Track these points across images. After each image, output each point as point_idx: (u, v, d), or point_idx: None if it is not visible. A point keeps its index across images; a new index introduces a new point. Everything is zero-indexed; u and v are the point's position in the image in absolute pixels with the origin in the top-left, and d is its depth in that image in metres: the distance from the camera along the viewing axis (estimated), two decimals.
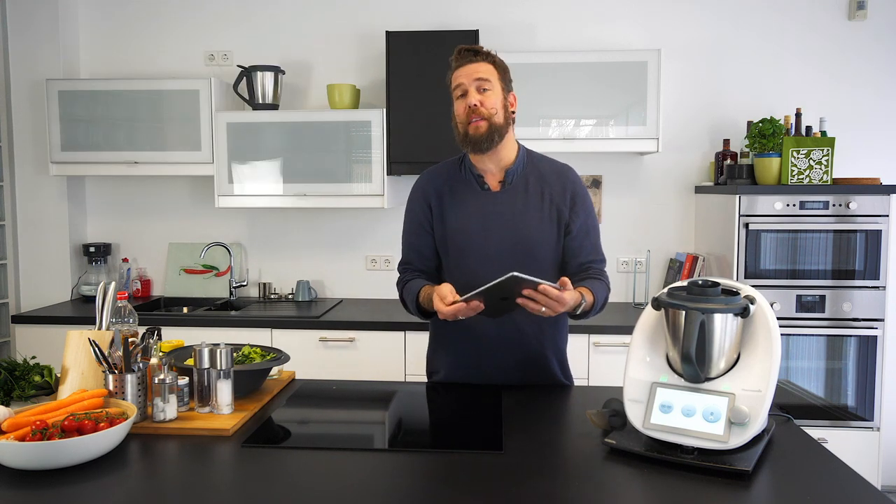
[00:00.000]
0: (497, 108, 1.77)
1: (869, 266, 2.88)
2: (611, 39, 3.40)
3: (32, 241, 3.51)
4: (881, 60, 3.33)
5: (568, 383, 1.96)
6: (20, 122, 3.46)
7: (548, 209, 1.83)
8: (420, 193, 1.93)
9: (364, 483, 1.27)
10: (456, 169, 1.91)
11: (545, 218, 1.83)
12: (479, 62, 1.78)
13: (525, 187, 1.85)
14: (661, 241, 3.49)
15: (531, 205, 1.83)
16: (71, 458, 1.29)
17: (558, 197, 1.84)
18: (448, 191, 1.88)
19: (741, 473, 1.27)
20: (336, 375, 2.92)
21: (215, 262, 3.60)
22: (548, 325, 1.87)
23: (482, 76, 1.77)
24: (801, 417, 2.94)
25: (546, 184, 1.85)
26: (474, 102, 1.75)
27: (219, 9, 3.54)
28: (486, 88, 1.77)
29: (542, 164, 1.90)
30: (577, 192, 1.86)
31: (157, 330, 1.71)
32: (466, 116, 1.78)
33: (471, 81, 1.77)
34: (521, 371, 1.88)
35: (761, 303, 1.39)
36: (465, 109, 1.78)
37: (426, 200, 1.90)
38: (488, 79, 1.77)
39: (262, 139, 3.21)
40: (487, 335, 1.85)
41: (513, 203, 1.83)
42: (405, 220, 1.97)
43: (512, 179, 1.85)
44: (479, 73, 1.77)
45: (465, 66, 1.79)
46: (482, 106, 1.76)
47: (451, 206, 1.86)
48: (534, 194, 1.84)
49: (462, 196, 1.86)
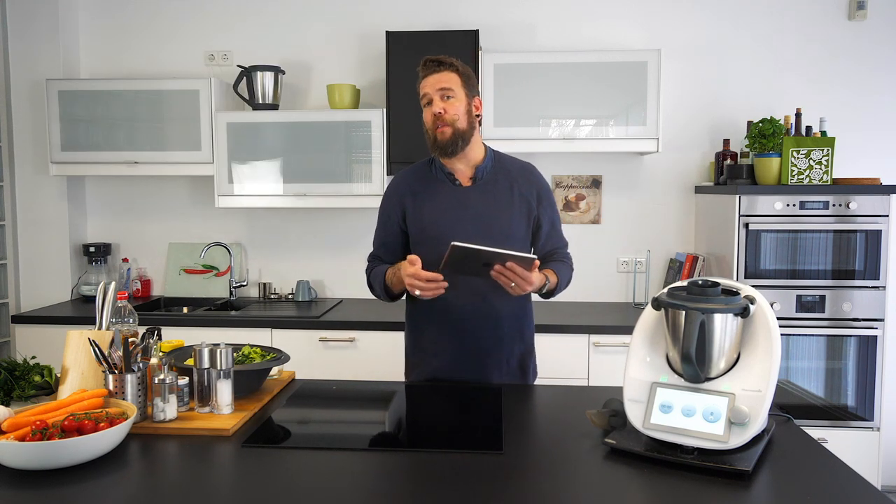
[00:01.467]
0: (460, 115, 1.90)
1: (869, 266, 2.88)
2: (611, 39, 3.40)
3: (32, 241, 3.51)
4: (881, 60, 3.33)
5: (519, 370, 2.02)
6: (20, 122, 3.46)
7: (517, 203, 1.97)
8: (394, 193, 2.04)
9: (364, 483, 1.27)
10: (427, 169, 2.03)
11: (515, 211, 1.96)
12: (443, 72, 1.90)
13: (494, 183, 1.98)
14: (661, 241, 3.49)
15: (501, 199, 1.96)
16: (71, 458, 1.29)
17: (527, 193, 1.98)
18: (422, 188, 2.00)
19: (741, 473, 1.27)
20: (336, 375, 2.92)
21: (215, 262, 3.60)
22: (517, 308, 1.99)
23: (445, 85, 1.89)
24: (801, 417, 2.94)
25: (514, 180, 1.99)
26: (438, 110, 1.89)
27: (219, 9, 3.54)
28: (449, 96, 1.90)
29: (509, 163, 2.04)
30: (542, 187, 2.02)
31: (157, 330, 1.71)
32: (433, 123, 1.91)
33: (435, 91, 1.90)
34: (498, 346, 1.96)
35: (761, 303, 1.39)
36: (431, 117, 1.92)
37: (400, 199, 2.01)
38: (451, 87, 1.90)
39: (262, 139, 3.21)
40: (465, 311, 1.94)
41: (484, 197, 1.96)
42: (378, 218, 2.09)
43: (482, 176, 1.98)
44: (442, 83, 1.89)
45: (430, 76, 1.91)
46: (446, 113, 1.89)
47: (424, 201, 1.97)
48: (503, 189, 1.97)
49: (435, 192, 1.98)
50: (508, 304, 1.96)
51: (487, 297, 1.93)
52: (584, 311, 3.23)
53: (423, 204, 1.97)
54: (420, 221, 1.96)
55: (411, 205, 1.98)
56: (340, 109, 3.23)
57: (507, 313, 1.97)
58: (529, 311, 2.06)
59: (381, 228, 2.07)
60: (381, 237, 2.07)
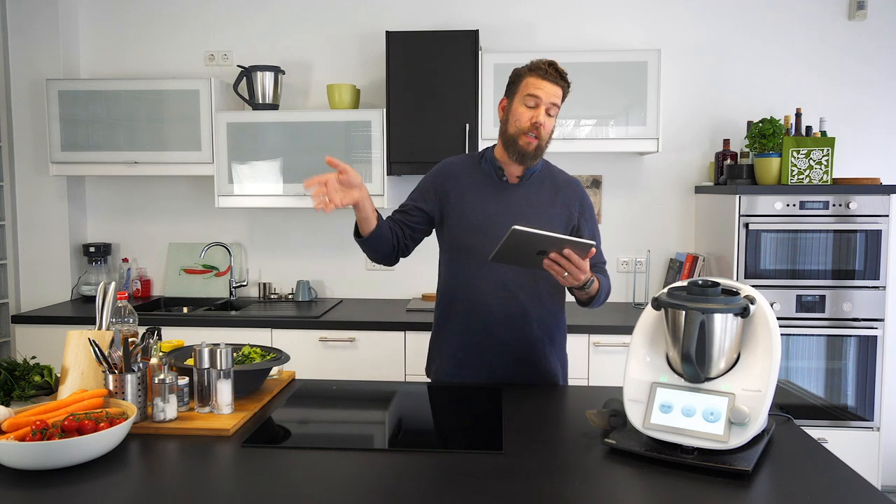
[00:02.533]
0: (549, 136, 1.90)
1: (869, 266, 2.88)
2: (611, 39, 3.40)
3: (32, 241, 3.51)
4: (881, 60, 3.33)
5: (560, 371, 2.02)
6: (20, 122, 3.46)
7: (559, 208, 1.97)
8: (440, 174, 2.03)
9: (364, 483, 1.27)
10: (476, 161, 2.03)
11: (556, 214, 1.96)
12: (562, 87, 1.88)
13: (540, 186, 1.98)
14: (661, 241, 3.49)
15: (545, 200, 1.96)
16: (71, 458, 1.29)
17: (569, 203, 1.98)
18: (467, 177, 2.00)
19: (741, 473, 1.27)
20: (336, 375, 2.92)
21: (215, 262, 3.60)
22: (547, 313, 1.98)
23: (556, 101, 1.87)
24: (801, 417, 2.94)
25: (559, 189, 1.99)
26: (541, 121, 1.86)
27: (219, 9, 3.54)
28: (553, 114, 1.88)
29: (557, 173, 2.05)
30: (585, 203, 2.02)
31: (157, 330, 1.71)
32: (529, 127, 1.86)
33: (548, 101, 1.86)
34: (521, 351, 1.95)
35: (761, 303, 1.39)
36: (529, 120, 1.86)
37: (444, 182, 2.00)
38: (558, 105, 1.88)
39: (262, 139, 3.21)
40: (491, 308, 1.93)
41: (527, 196, 1.96)
42: (415, 189, 2.04)
43: (530, 177, 1.98)
44: (556, 99, 1.87)
45: (551, 84, 1.86)
46: (544, 128, 1.87)
47: (469, 189, 1.97)
48: (548, 194, 1.98)
49: (481, 183, 1.98)
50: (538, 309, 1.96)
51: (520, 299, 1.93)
52: (584, 310, 3.23)
53: (467, 192, 1.96)
54: (461, 208, 1.95)
55: (454, 190, 1.97)
56: (340, 109, 3.22)
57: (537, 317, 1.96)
58: (562, 321, 2.05)
59: (412, 199, 2.03)
60: (408, 204, 2.02)
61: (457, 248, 1.98)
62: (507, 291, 1.93)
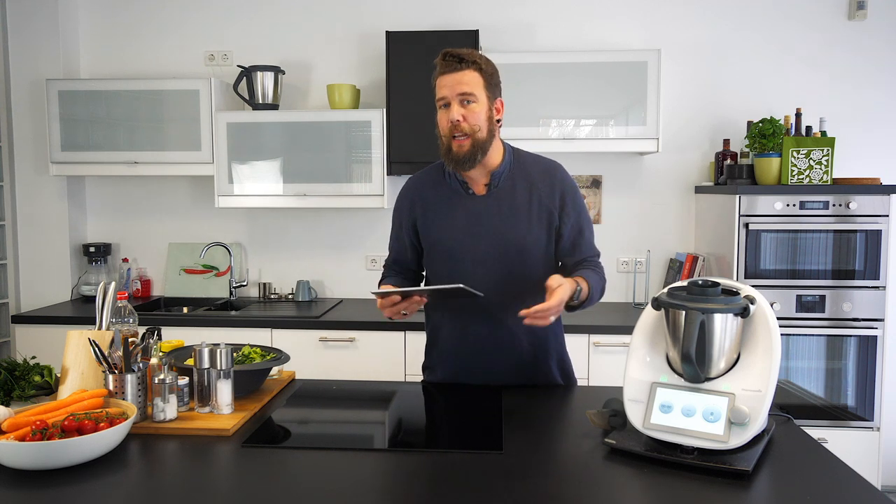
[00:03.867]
0: (481, 124, 1.70)
1: (869, 266, 2.88)
2: (611, 39, 3.40)
3: (32, 241, 3.51)
4: (881, 60, 3.33)
5: (563, 382, 1.94)
6: (20, 122, 3.46)
7: (536, 211, 1.79)
8: (405, 200, 1.91)
9: (364, 483, 1.27)
10: (440, 175, 1.87)
11: (533, 220, 1.79)
12: (465, 70, 1.68)
13: (512, 190, 1.80)
14: (661, 241, 3.49)
15: (519, 207, 1.79)
16: (71, 458, 1.29)
17: (547, 198, 1.79)
18: (433, 196, 1.85)
19: (741, 473, 1.27)
20: (336, 375, 2.92)
21: (215, 262, 3.60)
22: (539, 328, 1.79)
23: (466, 90, 1.68)
24: (801, 417, 2.94)
25: (534, 185, 1.80)
26: (457, 118, 1.68)
27: (219, 9, 3.54)
28: (469, 101, 1.69)
29: (530, 164, 1.84)
30: (565, 190, 1.81)
31: (157, 330, 1.71)
32: (449, 131, 1.71)
33: (454, 95, 1.68)
34: (516, 374, 1.87)
35: (761, 303, 1.39)
36: (447, 124, 1.71)
37: (411, 207, 1.88)
38: (472, 92, 1.68)
39: (262, 139, 3.21)
40: (479, 336, 1.83)
41: (499, 206, 1.79)
42: (391, 226, 1.97)
43: (498, 182, 1.80)
44: (462, 87, 1.68)
45: (450, 74, 1.69)
46: (465, 122, 1.69)
47: (437, 211, 1.83)
48: (521, 197, 1.79)
49: (448, 202, 1.83)
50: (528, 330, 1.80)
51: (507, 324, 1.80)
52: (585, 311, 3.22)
53: (435, 216, 1.83)
54: (431, 236, 1.84)
55: (422, 216, 1.85)
56: (340, 109, 3.22)
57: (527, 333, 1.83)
58: (558, 331, 1.94)
59: (394, 239, 1.95)
60: (395, 248, 1.95)
61: (437, 277, 1.86)
62: (493, 318, 1.80)
